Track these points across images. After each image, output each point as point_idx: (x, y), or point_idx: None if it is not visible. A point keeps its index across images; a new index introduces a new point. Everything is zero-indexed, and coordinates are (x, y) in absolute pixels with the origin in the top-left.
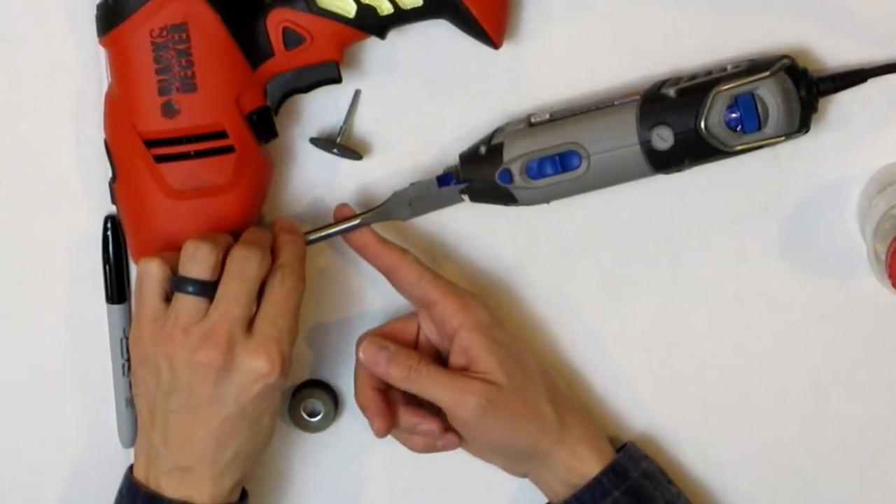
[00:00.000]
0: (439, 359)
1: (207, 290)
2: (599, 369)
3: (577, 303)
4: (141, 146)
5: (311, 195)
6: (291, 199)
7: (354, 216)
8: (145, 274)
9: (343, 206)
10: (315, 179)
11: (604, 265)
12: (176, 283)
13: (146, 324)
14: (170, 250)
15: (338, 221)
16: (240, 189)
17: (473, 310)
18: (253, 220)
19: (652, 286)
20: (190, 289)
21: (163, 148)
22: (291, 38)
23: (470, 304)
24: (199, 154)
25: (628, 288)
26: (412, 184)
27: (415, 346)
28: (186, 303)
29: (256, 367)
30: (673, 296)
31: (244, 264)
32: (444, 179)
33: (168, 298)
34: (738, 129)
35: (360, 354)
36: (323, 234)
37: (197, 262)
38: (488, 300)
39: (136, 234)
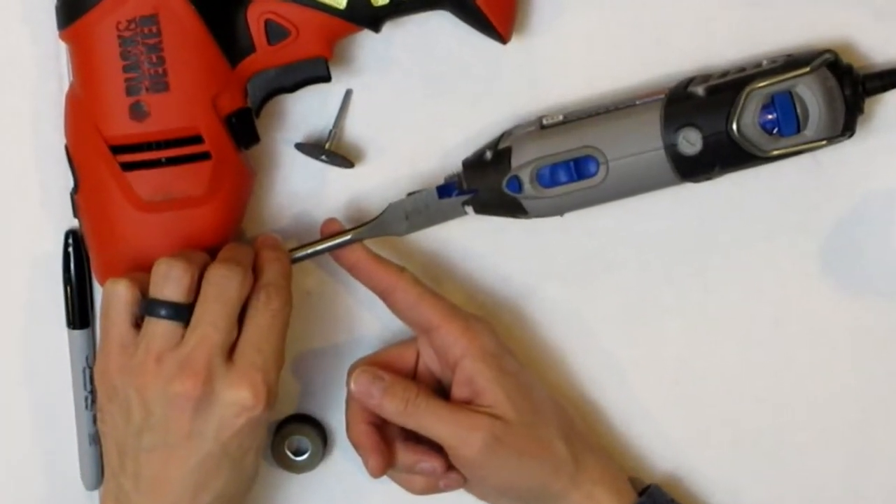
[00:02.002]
0: (441, 390)
1: (182, 313)
2: (620, 402)
3: (595, 328)
4: (106, 152)
5: (296, 207)
6: (275, 211)
7: (345, 231)
8: (112, 296)
9: (332, 220)
10: (301, 190)
11: (625, 285)
12: (147, 307)
13: (114, 352)
14: (139, 269)
15: (326, 237)
16: (217, 200)
17: (479, 335)
18: (231, 235)
19: (679, 309)
20: (163, 312)
21: (131, 154)
22: (275, 32)
23: (475, 330)
24: (172, 161)
25: (652, 311)
26: (410, 194)
27: (413, 375)
28: (159, 328)
29: (239, 398)
30: (702, 320)
31: (223, 284)
32: (445, 189)
33: (138, 324)
34: (775, 131)
35: (352, 385)
36: (310, 251)
37: (170, 282)
38: (495, 325)
39: (101, 251)
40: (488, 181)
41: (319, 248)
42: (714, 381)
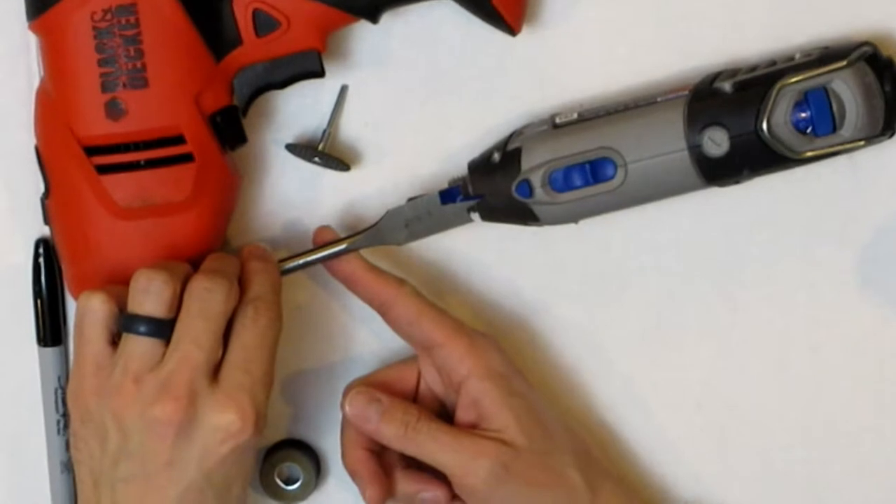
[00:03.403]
0: (444, 413)
1: (163, 330)
2: (639, 428)
3: (612, 347)
4: (80, 154)
5: (287, 214)
6: (263, 218)
7: (340, 240)
8: (86, 311)
9: (325, 227)
10: (292, 195)
11: (644, 300)
12: (125, 323)
13: (88, 372)
14: (116, 282)
15: (319, 246)
16: (200, 207)
17: (485, 354)
18: (216, 244)
19: (703, 327)
20: (142, 329)
21: (106, 156)
22: (263, 23)
23: (481, 348)
24: (151, 164)
25: (674, 329)
26: (410, 200)
27: (414, 397)
28: (138, 346)
29: (224, 423)
30: (729, 339)
31: (207, 298)
32: (448, 194)
33: (115, 341)
34: (809, 131)
35: (347, 408)
36: (302, 261)
37: (150, 296)
38: (503, 342)
39: (75, 261)
40: (496, 185)
41: (312, 258)
42: (742, 406)
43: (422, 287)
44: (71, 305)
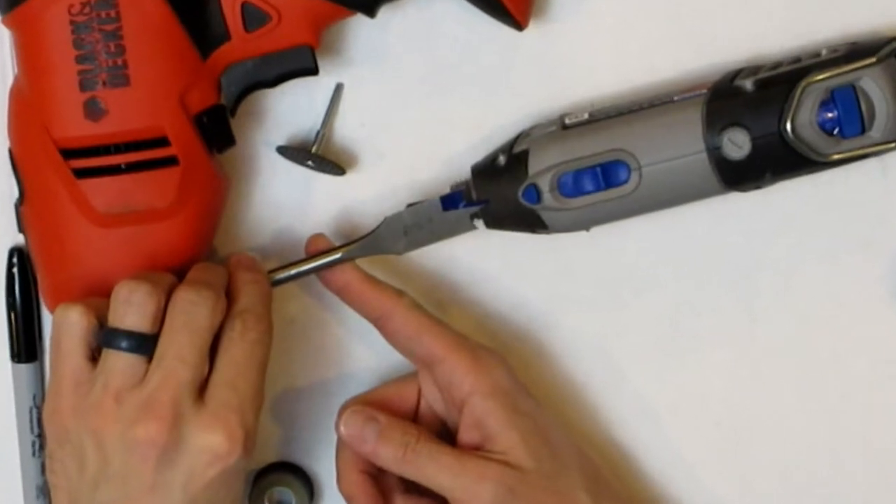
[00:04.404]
0: (446, 433)
1: (146, 345)
2: (653, 448)
3: (625, 361)
4: (57, 157)
5: (278, 221)
6: (253, 226)
7: (334, 249)
8: (64, 324)
9: (319, 235)
10: (284, 200)
11: (659, 312)
12: (105, 337)
13: (66, 390)
14: (95, 294)
15: (312, 256)
16: (185, 213)
17: (489, 370)
18: (202, 253)
19: (722, 340)
20: (123, 344)
21: (85, 159)
22: (253, 17)
23: (485, 363)
24: (133, 167)
25: (691, 342)
26: (409, 206)
27: (414, 417)
28: (119, 362)
29: (211, 444)
30: (749, 353)
31: (192, 311)
32: (450, 200)
33: (94, 357)
34: (835, 132)
35: (343, 428)
36: (293, 272)
37: (132, 308)
38: (508, 357)
39: (52, 271)
40: (501, 190)
41: (304, 268)
42: (762, 423)
43: (422, 298)
44: (47, 319)
